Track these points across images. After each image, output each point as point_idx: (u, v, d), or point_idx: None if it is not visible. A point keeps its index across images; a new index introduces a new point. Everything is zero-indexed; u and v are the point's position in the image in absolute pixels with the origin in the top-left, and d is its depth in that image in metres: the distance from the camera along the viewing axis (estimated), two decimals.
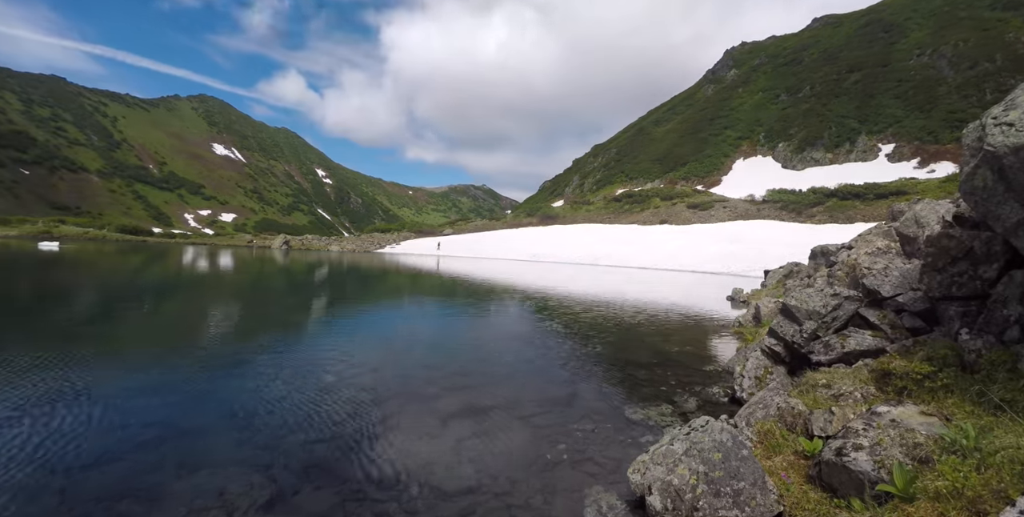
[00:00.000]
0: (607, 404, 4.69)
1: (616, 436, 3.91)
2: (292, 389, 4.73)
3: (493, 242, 58.60)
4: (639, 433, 3.99)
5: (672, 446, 2.86)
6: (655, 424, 4.20)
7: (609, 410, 4.53)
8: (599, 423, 4.18)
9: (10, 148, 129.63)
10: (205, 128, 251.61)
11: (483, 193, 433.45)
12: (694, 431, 2.95)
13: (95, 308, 9.86)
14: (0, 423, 3.61)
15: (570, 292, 16.31)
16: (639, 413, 4.44)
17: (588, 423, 4.17)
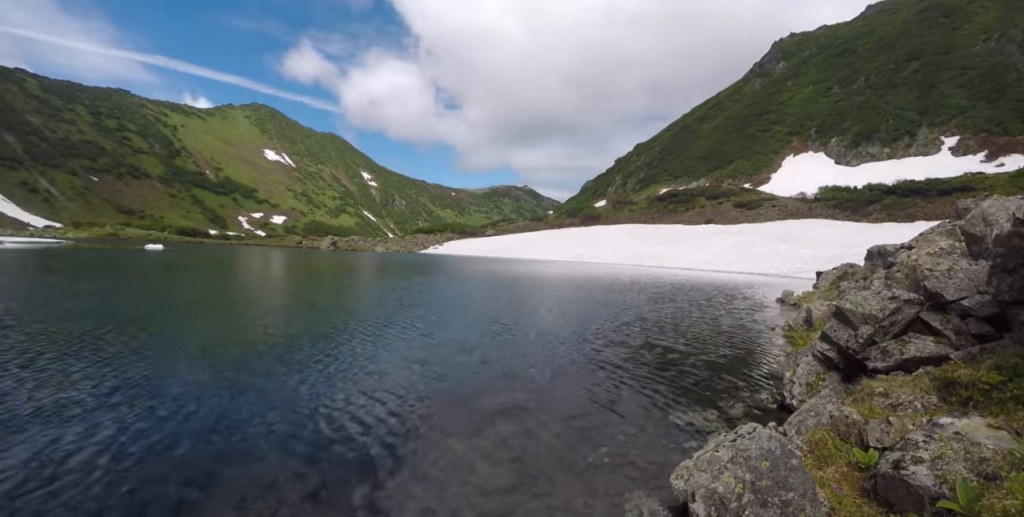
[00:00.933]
0: (650, 407, 4.61)
1: (659, 440, 3.84)
2: (342, 382, 4.87)
3: (535, 243, 58.62)
4: (683, 438, 3.90)
5: (717, 453, 2.79)
6: (699, 429, 4.10)
7: (652, 414, 4.44)
8: (641, 427, 4.11)
9: (82, 157, 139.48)
10: (257, 135, 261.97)
11: (525, 194, 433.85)
12: (741, 438, 2.86)
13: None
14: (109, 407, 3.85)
15: (611, 294, 16.12)
16: (683, 418, 4.35)
17: (630, 426, 4.10)
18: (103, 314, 8.23)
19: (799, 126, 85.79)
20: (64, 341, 6.13)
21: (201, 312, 9.33)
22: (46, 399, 4.06)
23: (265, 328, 7.87)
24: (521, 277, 23.18)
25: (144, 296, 11.38)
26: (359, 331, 7.89)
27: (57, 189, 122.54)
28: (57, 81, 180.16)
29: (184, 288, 13.57)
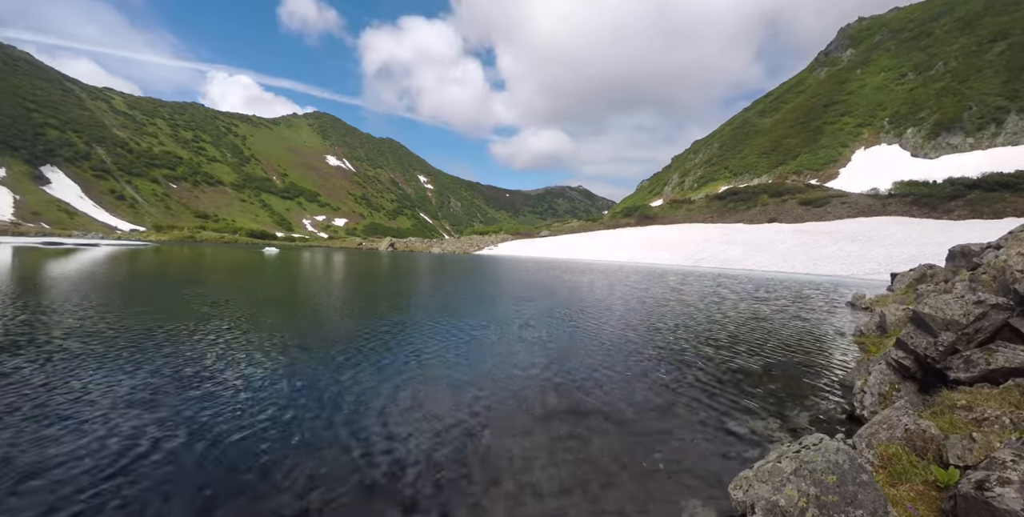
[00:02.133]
0: (708, 414, 4.47)
1: (717, 448, 3.72)
2: (402, 372, 5.01)
3: (589, 243, 58.11)
4: (742, 447, 3.77)
5: (780, 464, 2.68)
6: (761, 438, 3.94)
7: (710, 420, 4.31)
8: (699, 433, 4.00)
9: (162, 167, 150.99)
10: (319, 142, 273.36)
11: (579, 194, 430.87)
12: (805, 449, 2.74)
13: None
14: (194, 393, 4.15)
15: (670, 296, 15.76)
16: (743, 426, 4.20)
17: (687, 432, 4.00)
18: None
19: (870, 117, 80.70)
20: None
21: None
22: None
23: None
24: (576, 278, 23.04)
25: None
26: (424, 327, 8.05)
27: (141, 196, 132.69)
28: (140, 97, 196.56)
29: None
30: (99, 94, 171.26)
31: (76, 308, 8.63)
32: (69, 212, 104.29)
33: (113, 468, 2.96)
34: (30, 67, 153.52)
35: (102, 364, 5.12)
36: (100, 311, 8.44)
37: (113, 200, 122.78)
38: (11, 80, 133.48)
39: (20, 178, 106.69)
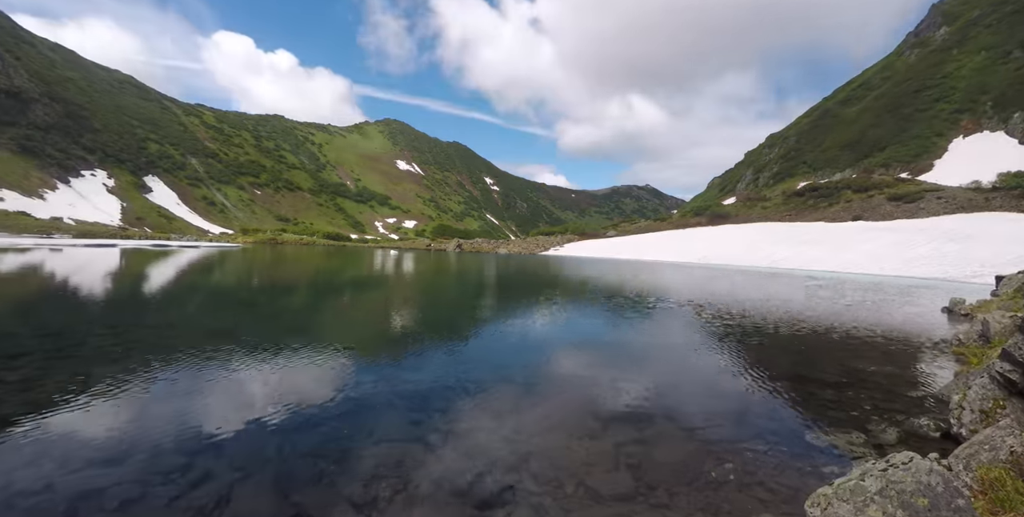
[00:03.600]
0: (784, 424, 4.25)
1: (793, 461, 3.52)
2: (471, 372, 5.07)
3: (657, 244, 56.75)
4: (821, 461, 3.54)
5: (863, 482, 2.50)
6: (841, 453, 3.69)
7: (786, 431, 4.09)
8: (773, 445, 3.79)
9: (248, 174, 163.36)
10: (390, 147, 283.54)
11: (647, 193, 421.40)
12: (893, 468, 2.55)
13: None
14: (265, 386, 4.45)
15: (741, 298, 15.13)
16: (822, 439, 3.94)
17: (760, 443, 3.81)
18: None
19: (970, 102, 73.44)
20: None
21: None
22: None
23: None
24: (647, 278, 22.58)
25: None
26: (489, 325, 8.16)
27: (229, 202, 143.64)
28: (228, 112, 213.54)
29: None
30: (192, 110, 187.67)
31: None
32: (168, 217, 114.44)
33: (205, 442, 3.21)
34: (133, 88, 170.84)
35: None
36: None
37: (205, 206, 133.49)
38: (118, 100, 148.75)
39: (126, 187, 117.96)
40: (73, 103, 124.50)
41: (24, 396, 4.10)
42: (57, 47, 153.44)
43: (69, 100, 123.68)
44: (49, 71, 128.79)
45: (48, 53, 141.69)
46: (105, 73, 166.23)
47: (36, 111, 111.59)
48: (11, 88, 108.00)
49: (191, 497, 2.68)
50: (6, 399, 4.01)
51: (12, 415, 3.70)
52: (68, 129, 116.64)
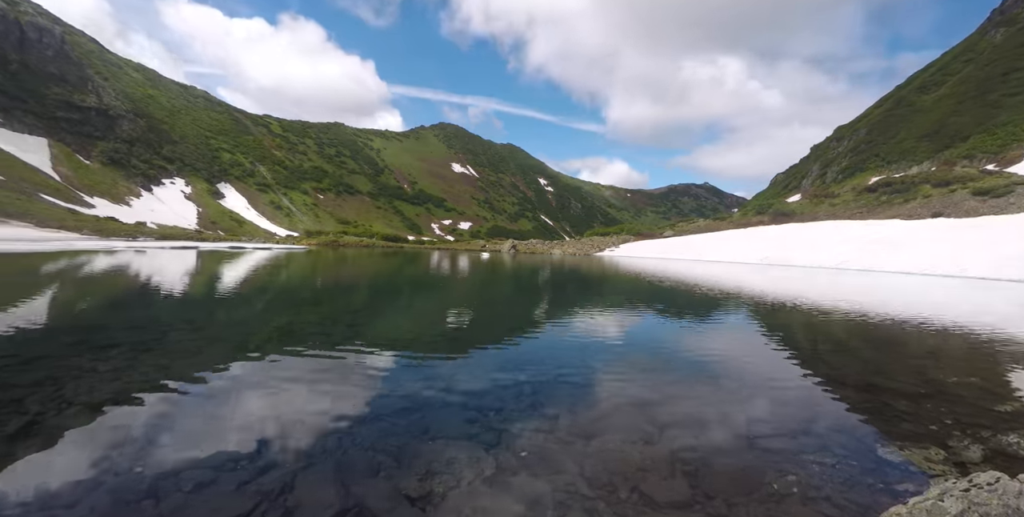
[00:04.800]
0: (853, 437, 3.99)
1: (863, 477, 3.29)
2: (527, 372, 5.08)
3: (718, 244, 54.96)
4: (894, 478, 3.30)
5: (942, 502, 2.33)
6: (918, 470, 3.43)
7: (855, 444, 3.84)
8: (842, 458, 3.56)
9: (311, 180, 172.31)
10: (445, 151, 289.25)
11: (705, 192, 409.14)
12: (976, 488, 2.36)
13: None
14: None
15: (811, 300, 14.45)
16: (896, 454, 3.68)
17: (827, 456, 3.59)
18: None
19: None
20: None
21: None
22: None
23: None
24: (708, 279, 21.95)
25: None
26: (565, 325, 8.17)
27: (294, 206, 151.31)
28: (292, 121, 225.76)
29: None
30: (260, 121, 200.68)
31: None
32: (239, 221, 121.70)
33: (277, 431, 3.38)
34: (207, 102, 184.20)
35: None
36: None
37: (272, 210, 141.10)
38: (194, 114, 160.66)
39: (202, 194, 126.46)
40: (154, 118, 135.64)
41: (114, 385, 4.46)
42: (141, 67, 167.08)
43: (151, 115, 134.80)
44: (133, 90, 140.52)
45: (133, 73, 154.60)
46: (182, 89, 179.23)
47: (123, 126, 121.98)
48: (101, 106, 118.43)
49: (258, 482, 2.84)
50: (98, 387, 4.38)
51: (103, 401, 4.03)
52: (150, 142, 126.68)
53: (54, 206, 74.45)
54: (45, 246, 32.79)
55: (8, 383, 4.36)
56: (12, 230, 50.35)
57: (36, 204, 69.28)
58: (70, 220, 63.86)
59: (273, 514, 2.53)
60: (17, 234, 47.35)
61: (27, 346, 5.74)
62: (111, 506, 2.57)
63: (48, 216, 62.17)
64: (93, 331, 6.77)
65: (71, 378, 4.56)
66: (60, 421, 3.61)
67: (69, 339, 6.21)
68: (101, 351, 5.57)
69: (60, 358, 5.25)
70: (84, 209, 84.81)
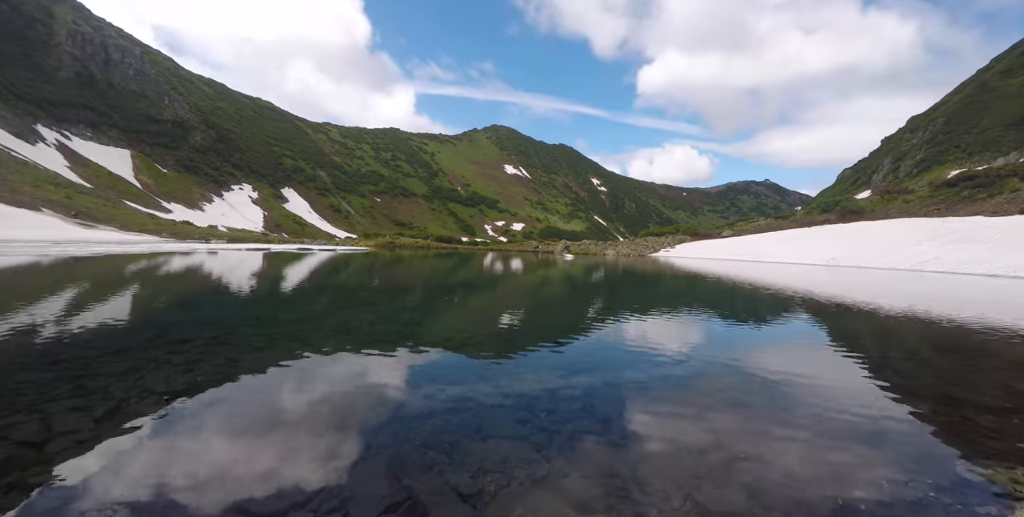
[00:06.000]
0: (929, 452, 3.71)
1: (939, 496, 3.02)
2: (579, 374, 5.03)
3: (780, 244, 52.78)
4: (974, 499, 3.01)
5: None
6: (1004, 491, 3.12)
7: (931, 460, 3.56)
8: (915, 475, 3.29)
9: (368, 183, 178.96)
10: (497, 153, 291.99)
11: (766, 189, 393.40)
12: None
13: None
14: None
15: (880, 304, 13.65)
16: (977, 472, 3.37)
17: (899, 472, 3.33)
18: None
19: None
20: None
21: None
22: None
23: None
24: (768, 281, 21.13)
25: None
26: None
27: (352, 209, 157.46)
28: (350, 128, 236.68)
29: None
30: (320, 128, 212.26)
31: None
32: (301, 224, 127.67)
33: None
34: (271, 112, 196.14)
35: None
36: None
37: (332, 213, 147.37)
38: (260, 124, 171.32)
39: (267, 198, 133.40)
40: (224, 128, 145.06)
41: (188, 376, 4.76)
42: (211, 82, 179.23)
43: (220, 126, 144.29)
44: (204, 102, 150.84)
45: (204, 87, 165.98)
46: (249, 101, 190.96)
47: (195, 136, 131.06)
48: (176, 118, 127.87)
49: (317, 473, 2.95)
50: (173, 378, 4.69)
51: (178, 391, 4.32)
52: (220, 150, 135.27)
53: (136, 211, 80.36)
54: (131, 248, 35.40)
55: (98, 372, 4.74)
56: (99, 233, 54.67)
57: (120, 210, 74.96)
58: (150, 224, 68.57)
59: (330, 504, 2.62)
60: (104, 237, 51.35)
61: (115, 339, 6.23)
62: (183, 486, 2.75)
63: (131, 221, 67.05)
64: (170, 326, 7.24)
65: (150, 369, 4.92)
66: (140, 408, 3.90)
67: (149, 333, 6.67)
68: (176, 345, 5.96)
69: (141, 350, 5.66)
70: (162, 214, 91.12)
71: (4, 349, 5.53)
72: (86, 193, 75.56)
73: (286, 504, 2.61)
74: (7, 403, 3.87)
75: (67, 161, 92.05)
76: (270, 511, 2.55)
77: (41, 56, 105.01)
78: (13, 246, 29.15)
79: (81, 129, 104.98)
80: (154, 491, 2.70)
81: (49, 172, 77.21)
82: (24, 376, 4.53)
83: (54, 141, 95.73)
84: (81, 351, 5.52)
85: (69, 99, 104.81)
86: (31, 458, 3.02)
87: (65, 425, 3.50)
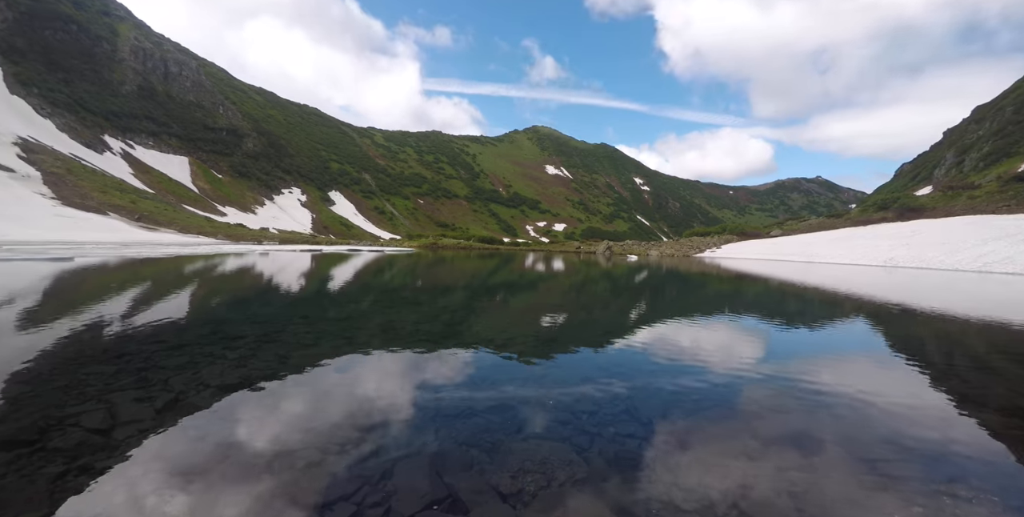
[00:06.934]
0: (997, 468, 3.42)
1: (1006, 515, 2.79)
2: (622, 377, 4.98)
3: (832, 244, 50.67)
4: None
5: None
6: None
7: (998, 477, 3.28)
8: (980, 491, 3.03)
9: (411, 185, 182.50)
10: (538, 153, 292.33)
11: (818, 186, 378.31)
12: None
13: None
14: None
15: (945, 308, 12.93)
16: None
17: (962, 488, 3.07)
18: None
19: None
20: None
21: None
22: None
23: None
24: (820, 282, 20.34)
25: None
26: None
27: (396, 210, 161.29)
28: (394, 132, 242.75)
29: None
30: (364, 133, 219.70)
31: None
32: (347, 225, 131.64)
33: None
34: (318, 118, 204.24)
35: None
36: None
37: (377, 215, 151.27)
38: (308, 130, 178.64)
39: (315, 201, 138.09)
40: (274, 135, 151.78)
41: (240, 371, 4.97)
42: (262, 91, 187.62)
43: (271, 133, 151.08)
44: (256, 111, 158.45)
45: (255, 96, 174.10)
46: (297, 108, 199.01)
47: (248, 143, 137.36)
48: (230, 126, 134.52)
49: (361, 466, 3.02)
50: (227, 372, 4.90)
51: (232, 385, 4.51)
52: (271, 156, 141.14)
53: (194, 215, 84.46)
54: (196, 250, 37.33)
55: (159, 365, 5.01)
56: (160, 236, 57.69)
57: (180, 213, 78.93)
58: (207, 227, 71.92)
59: (373, 498, 2.68)
60: (165, 239, 54.16)
61: (174, 334, 6.57)
62: (236, 476, 2.87)
63: (189, 223, 70.47)
64: (224, 323, 7.56)
65: (206, 363, 5.16)
66: (197, 400, 4.09)
67: (205, 330, 7.00)
68: (231, 341, 6.22)
69: (198, 345, 5.94)
70: (217, 217, 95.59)
71: (76, 342, 5.93)
72: (148, 198, 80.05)
73: (332, 495, 2.67)
74: (78, 393, 4.13)
75: (131, 168, 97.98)
76: (317, 501, 2.62)
77: (107, 71, 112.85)
78: (85, 248, 31.12)
79: (143, 138, 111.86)
80: (208, 477, 2.83)
81: (115, 179, 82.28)
82: (93, 368, 4.83)
83: (119, 150, 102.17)
84: (144, 345, 5.85)
85: (133, 110, 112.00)
86: (99, 443, 3.22)
87: (129, 414, 3.71)
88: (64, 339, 6.08)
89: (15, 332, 6.47)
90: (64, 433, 3.34)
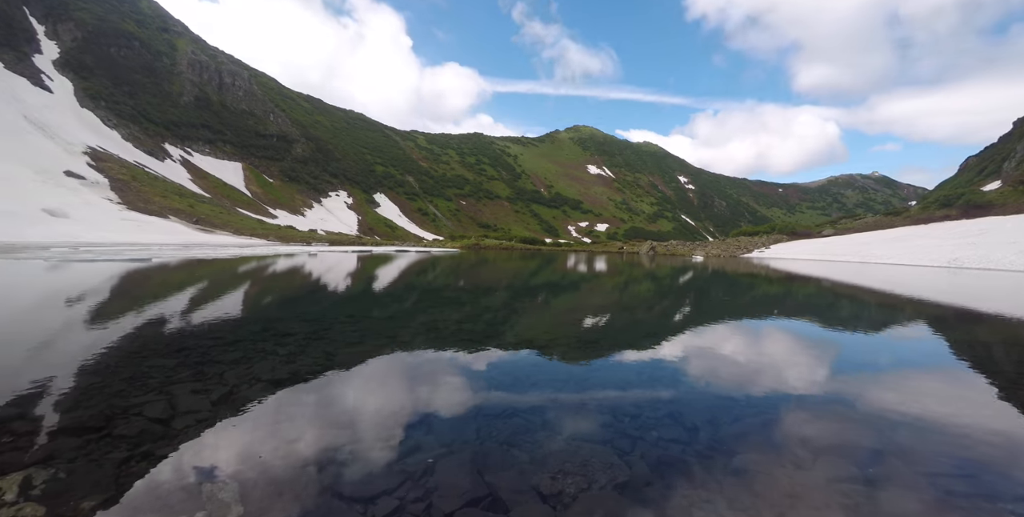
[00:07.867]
0: None
1: None
2: (664, 380, 4.92)
3: (890, 243, 48.19)
4: None
5: None
6: None
7: None
8: None
9: (453, 187, 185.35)
10: (580, 153, 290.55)
11: (874, 183, 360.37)
12: None
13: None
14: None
15: (1016, 314, 12.14)
16: None
17: None
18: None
19: None
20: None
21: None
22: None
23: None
24: (875, 283, 19.43)
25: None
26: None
27: (439, 212, 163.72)
28: (436, 134, 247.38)
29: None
30: (408, 136, 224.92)
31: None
32: (392, 227, 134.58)
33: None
34: (363, 123, 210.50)
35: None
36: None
37: (420, 216, 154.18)
38: (353, 134, 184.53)
39: (361, 203, 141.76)
40: (321, 140, 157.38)
41: (290, 366, 5.16)
42: (310, 98, 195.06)
43: (318, 138, 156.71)
44: (304, 117, 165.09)
45: (303, 104, 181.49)
46: (342, 113, 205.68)
47: (297, 148, 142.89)
48: (280, 133, 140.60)
49: (403, 462, 3.08)
50: (278, 367, 5.09)
51: (283, 380, 4.69)
52: (319, 160, 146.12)
53: (247, 217, 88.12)
54: (254, 250, 39.06)
55: (215, 360, 5.27)
56: (216, 237, 60.48)
57: (234, 216, 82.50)
58: (259, 229, 74.91)
59: (415, 493, 2.72)
60: (220, 241, 56.76)
61: (229, 331, 6.91)
62: (284, 466, 2.98)
63: (243, 225, 73.55)
64: (276, 321, 7.86)
65: (259, 359, 5.38)
66: (250, 393, 4.28)
67: (258, 327, 7.30)
68: (281, 338, 6.46)
69: (251, 342, 6.20)
70: (269, 219, 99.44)
71: (139, 337, 6.31)
72: (205, 202, 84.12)
73: (375, 490, 2.73)
74: (141, 384, 4.39)
75: (189, 174, 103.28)
76: (360, 495, 2.68)
77: (167, 84, 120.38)
78: (152, 249, 32.95)
79: (200, 146, 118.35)
80: (258, 468, 2.95)
81: (175, 184, 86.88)
82: (155, 361, 5.12)
83: (178, 157, 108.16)
84: (201, 340, 6.16)
85: (190, 120, 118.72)
86: (160, 432, 3.42)
87: (187, 405, 3.92)
88: (131, 334, 6.49)
89: (91, 326, 6.95)
90: (128, 421, 3.56)
